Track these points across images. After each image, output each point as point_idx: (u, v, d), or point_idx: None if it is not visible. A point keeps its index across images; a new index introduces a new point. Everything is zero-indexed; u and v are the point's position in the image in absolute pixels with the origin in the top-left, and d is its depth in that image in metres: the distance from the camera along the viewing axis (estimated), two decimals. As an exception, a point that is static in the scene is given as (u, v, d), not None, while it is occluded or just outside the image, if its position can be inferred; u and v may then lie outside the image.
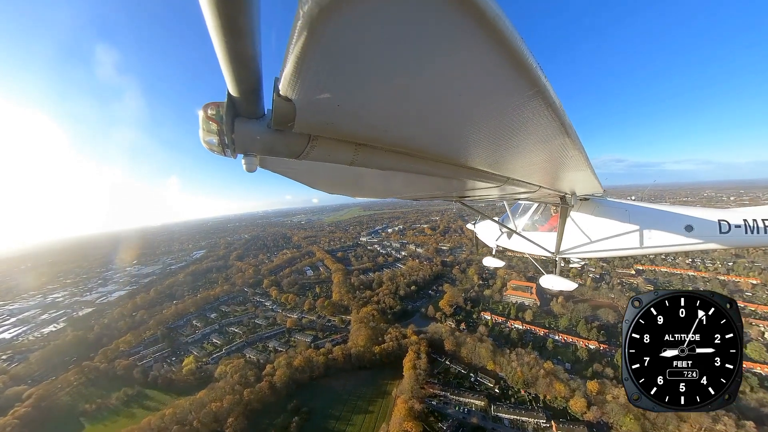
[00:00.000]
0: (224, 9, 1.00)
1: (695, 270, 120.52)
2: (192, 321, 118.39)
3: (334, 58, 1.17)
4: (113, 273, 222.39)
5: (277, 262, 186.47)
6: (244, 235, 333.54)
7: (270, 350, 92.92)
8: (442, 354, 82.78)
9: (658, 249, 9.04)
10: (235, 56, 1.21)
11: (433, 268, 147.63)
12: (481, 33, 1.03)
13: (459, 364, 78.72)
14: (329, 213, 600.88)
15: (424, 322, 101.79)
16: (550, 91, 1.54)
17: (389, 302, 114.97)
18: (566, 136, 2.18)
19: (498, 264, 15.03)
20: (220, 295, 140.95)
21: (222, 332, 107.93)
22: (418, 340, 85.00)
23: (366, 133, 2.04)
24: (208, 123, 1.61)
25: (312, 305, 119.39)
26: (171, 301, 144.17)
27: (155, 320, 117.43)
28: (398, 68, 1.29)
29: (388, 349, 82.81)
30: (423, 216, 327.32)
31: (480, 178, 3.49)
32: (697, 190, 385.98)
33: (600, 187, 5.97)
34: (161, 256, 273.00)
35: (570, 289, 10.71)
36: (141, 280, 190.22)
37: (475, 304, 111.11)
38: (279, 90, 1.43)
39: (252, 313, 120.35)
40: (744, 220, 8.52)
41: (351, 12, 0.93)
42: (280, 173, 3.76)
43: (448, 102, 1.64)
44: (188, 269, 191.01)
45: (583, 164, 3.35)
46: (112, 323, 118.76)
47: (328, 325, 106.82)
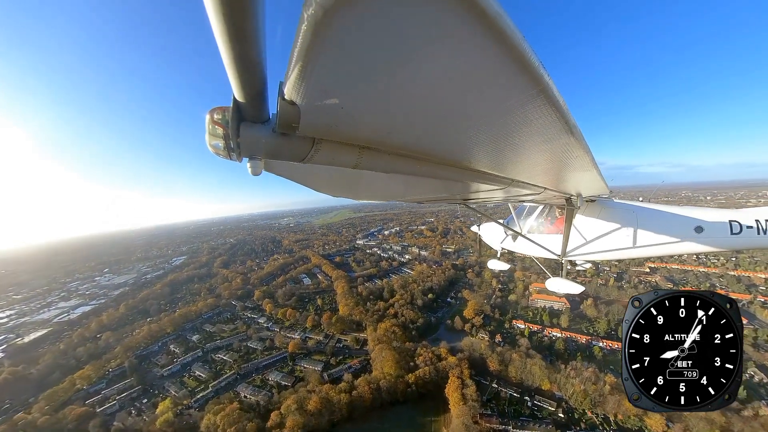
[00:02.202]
0: (230, 16, 0.99)
1: (705, 266, 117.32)
2: (169, 345, 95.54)
3: (338, 60, 1.16)
4: (80, 283, 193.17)
5: (268, 269, 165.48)
6: (229, 239, 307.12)
7: (271, 386, 72.13)
8: (486, 376, 69.09)
9: (667, 251, 8.65)
10: (240, 62, 1.21)
11: (446, 273, 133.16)
12: (483, 32, 1.03)
13: (509, 387, 65.70)
14: (318, 215, 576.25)
15: (453, 336, 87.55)
16: (553, 89, 1.51)
17: (409, 314, 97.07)
18: (570, 135, 2.13)
19: (503, 267, 14.33)
20: (204, 311, 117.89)
21: (207, 361, 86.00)
22: (458, 361, 69.93)
23: (370, 136, 2.02)
24: (214, 127, 1.61)
25: (316, 321, 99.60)
26: (144, 318, 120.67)
27: (124, 345, 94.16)
28: (401, 70, 1.28)
29: (423, 375, 66.15)
30: (417, 217, 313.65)
31: (484, 180, 3.39)
32: (675, 190, 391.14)
33: (606, 189, 5.80)
34: (137, 263, 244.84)
35: (577, 292, 10.19)
36: (111, 292, 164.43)
37: (503, 312, 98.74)
38: (284, 94, 1.43)
39: (243, 334, 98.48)
40: (756, 221, 8.02)
41: (354, 15, 0.92)
42: (285, 176, 3.68)
43: (451, 103, 1.63)
44: (166, 278, 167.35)
45: (589, 164, 3.23)
46: (69, 350, 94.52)
47: (340, 347, 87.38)
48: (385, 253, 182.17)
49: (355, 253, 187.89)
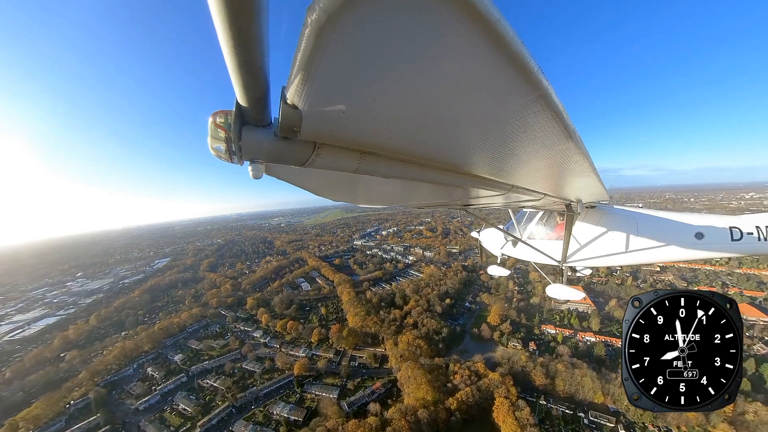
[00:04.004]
0: (234, 20, 0.99)
1: (711, 265, 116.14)
2: (146, 368, 78.52)
3: (341, 65, 1.15)
4: (48, 290, 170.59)
5: (260, 273, 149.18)
6: (217, 239, 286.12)
7: (278, 422, 56.90)
8: (531, 392, 60.73)
9: (668, 258, 8.46)
10: (243, 66, 1.20)
11: (458, 275, 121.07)
12: (483, 38, 1.02)
13: (560, 403, 58.15)
14: (309, 215, 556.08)
15: (482, 347, 78.01)
16: (553, 95, 1.50)
17: (430, 324, 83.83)
18: (570, 140, 2.10)
19: (503, 273, 13.95)
20: (188, 323, 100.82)
21: (193, 389, 69.58)
22: (501, 378, 60.46)
23: (371, 141, 2.00)
24: (216, 130, 1.59)
25: (323, 334, 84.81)
26: (119, 332, 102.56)
27: (90, 369, 76.66)
28: (403, 76, 1.27)
29: (465, 399, 55.23)
30: (413, 218, 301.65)
31: (485, 186, 3.38)
32: (658, 192, 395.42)
33: (606, 194, 5.65)
34: (115, 265, 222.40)
35: (577, 299, 10.14)
36: (82, 300, 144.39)
37: (529, 316, 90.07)
38: (286, 98, 1.41)
39: (236, 352, 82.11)
40: (757, 227, 7.89)
41: (357, 20, 0.92)
42: (286, 180, 3.65)
43: (452, 108, 1.61)
44: (146, 284, 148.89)
45: (588, 170, 3.16)
46: (16, 377, 76.28)
47: (356, 366, 72.88)
48: (387, 254, 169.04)
49: (354, 255, 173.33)
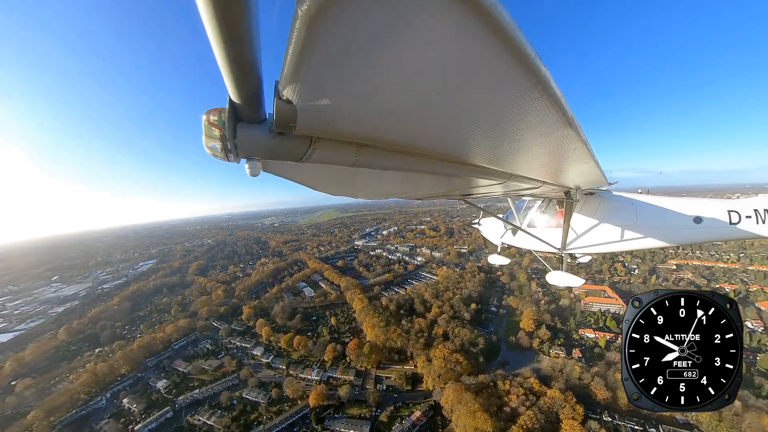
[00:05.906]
0: (223, 15, 0.95)
1: (724, 262, 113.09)
2: (122, 398, 61.98)
3: (333, 57, 1.12)
4: (12, 298, 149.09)
5: (256, 276, 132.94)
6: (207, 240, 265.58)
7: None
8: (593, 407, 54.07)
9: (667, 242, 8.42)
10: (235, 62, 1.17)
11: (476, 276, 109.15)
12: (478, 24, 0.98)
13: (627, 419, 51.51)
14: (302, 215, 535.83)
15: (523, 357, 68.88)
16: (551, 81, 1.45)
17: (463, 334, 70.89)
18: (568, 127, 2.06)
19: (504, 261, 13.90)
20: (174, 338, 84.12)
21: (181, 429, 53.90)
22: (563, 396, 52.13)
23: (367, 134, 1.98)
24: (210, 129, 1.55)
25: (338, 351, 70.31)
26: (93, 348, 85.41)
27: (47, 404, 59.69)
28: (397, 66, 1.23)
29: (530, 425, 46.56)
30: (412, 217, 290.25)
31: (483, 175, 3.34)
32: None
33: (605, 181, 5.52)
34: (95, 268, 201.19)
35: (578, 285, 9.74)
36: (53, 310, 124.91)
37: (563, 320, 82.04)
38: (280, 93, 1.37)
39: (233, 377, 66.10)
40: (755, 210, 7.93)
41: (348, 9, 0.89)
42: (284, 176, 3.57)
43: (448, 98, 1.57)
44: (128, 289, 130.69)
45: (587, 156, 3.08)
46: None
47: (384, 389, 58.65)
48: (393, 255, 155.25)
49: (357, 256, 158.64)
